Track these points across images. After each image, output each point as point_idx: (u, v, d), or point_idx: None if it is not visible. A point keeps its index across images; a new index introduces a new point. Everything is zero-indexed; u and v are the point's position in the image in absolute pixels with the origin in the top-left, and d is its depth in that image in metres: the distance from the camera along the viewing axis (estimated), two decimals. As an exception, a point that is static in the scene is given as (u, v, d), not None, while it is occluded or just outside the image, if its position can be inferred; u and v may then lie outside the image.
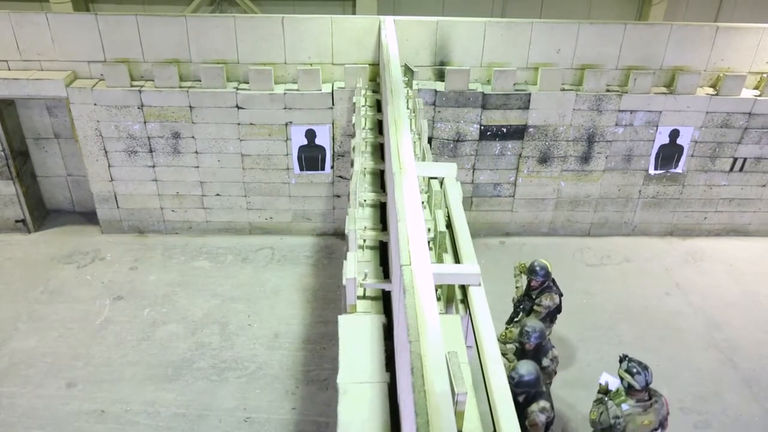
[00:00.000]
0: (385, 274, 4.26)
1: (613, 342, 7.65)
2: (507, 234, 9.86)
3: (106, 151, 8.92)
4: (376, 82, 8.59)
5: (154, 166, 9.07)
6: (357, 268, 3.84)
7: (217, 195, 9.36)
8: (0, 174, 9.06)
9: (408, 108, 6.18)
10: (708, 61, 8.96)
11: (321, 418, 6.68)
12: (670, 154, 9.28)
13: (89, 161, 9.01)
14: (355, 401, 3.04)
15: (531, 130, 8.97)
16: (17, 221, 9.50)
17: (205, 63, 8.57)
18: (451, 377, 2.44)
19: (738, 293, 8.73)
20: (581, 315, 8.05)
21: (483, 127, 8.92)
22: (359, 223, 4.68)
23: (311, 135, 8.89)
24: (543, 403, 5.22)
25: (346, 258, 3.87)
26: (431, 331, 2.51)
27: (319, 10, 12.24)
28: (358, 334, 3.53)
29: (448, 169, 4.70)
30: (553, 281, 6.69)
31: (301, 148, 8.98)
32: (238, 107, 8.64)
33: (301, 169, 9.16)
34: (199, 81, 8.64)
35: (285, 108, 8.66)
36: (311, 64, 8.71)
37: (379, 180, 5.83)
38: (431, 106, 8.71)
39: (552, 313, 6.76)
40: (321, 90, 8.58)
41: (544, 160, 9.22)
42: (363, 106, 7.21)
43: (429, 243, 4.04)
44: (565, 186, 9.48)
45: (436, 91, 8.63)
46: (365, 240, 4.68)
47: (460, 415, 2.44)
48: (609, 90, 8.87)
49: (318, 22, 8.44)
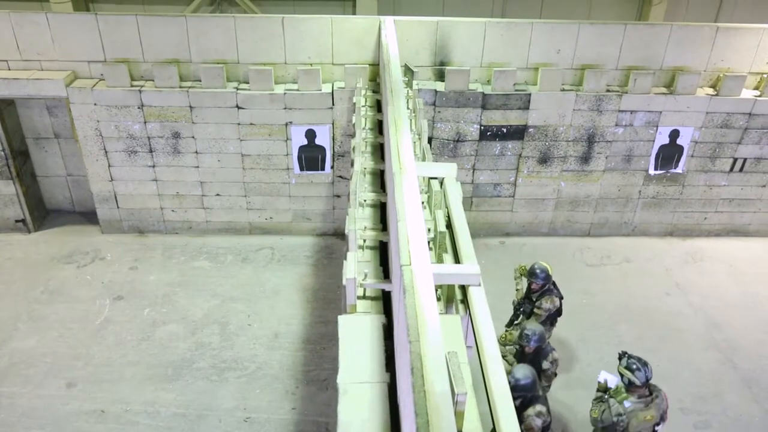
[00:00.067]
0: (385, 274, 4.26)
1: (613, 342, 7.65)
2: (507, 234, 9.87)
3: (106, 151, 8.93)
4: (376, 82, 8.59)
5: (154, 166, 9.07)
6: (357, 268, 3.84)
7: (217, 195, 9.36)
8: (0, 174, 9.06)
9: (408, 108, 6.18)
10: (708, 62, 8.96)
11: (321, 418, 6.68)
12: (670, 154, 9.28)
13: (89, 161, 9.01)
14: (355, 401, 3.04)
15: (531, 130, 8.97)
16: (17, 221, 9.50)
17: (205, 63, 8.58)
18: (451, 377, 2.44)
19: (738, 293, 8.73)
20: (581, 315, 8.05)
21: (483, 128, 8.92)
22: (359, 223, 4.68)
23: (311, 135, 8.89)
24: (539, 407, 5.19)
25: (346, 258, 3.87)
26: (431, 331, 2.52)
27: (319, 10, 12.24)
28: (358, 334, 3.53)
29: (448, 170, 4.70)
30: (554, 284, 6.66)
31: (301, 148, 8.98)
32: (238, 107, 8.64)
33: (301, 169, 9.16)
34: (199, 81, 8.64)
35: (285, 108, 8.66)
36: (311, 64, 8.71)
37: (379, 180, 5.83)
38: (431, 106, 8.71)
39: (552, 316, 6.73)
40: (321, 90, 8.58)
41: (544, 160, 9.22)
42: (363, 106, 7.21)
43: (429, 243, 4.04)
44: (565, 186, 9.49)
45: (436, 91, 8.63)
46: (365, 240, 4.68)
47: (460, 415, 2.44)
48: (609, 90, 8.87)
49: (318, 22, 8.44)
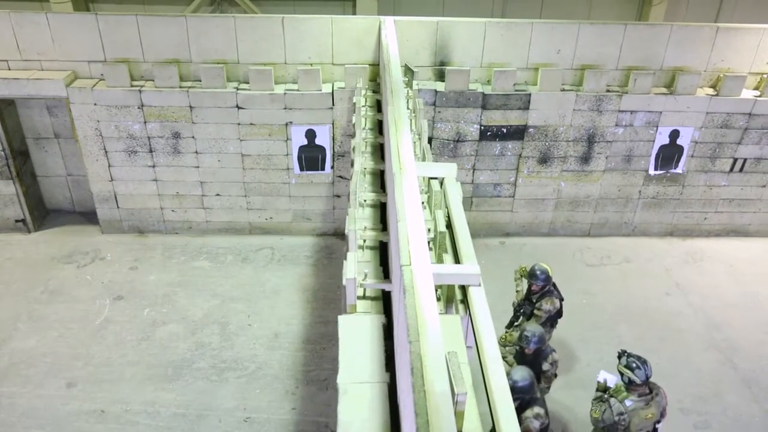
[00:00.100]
0: (385, 274, 4.26)
1: (613, 342, 7.64)
2: (507, 234, 9.87)
3: (106, 151, 8.93)
4: (376, 82, 8.59)
5: (154, 166, 9.07)
6: (357, 268, 3.84)
7: (217, 195, 9.36)
8: (0, 174, 9.06)
9: (408, 108, 6.18)
10: (708, 62, 8.96)
11: (321, 418, 6.68)
12: (670, 154, 9.28)
13: (89, 161, 9.01)
14: (355, 401, 3.04)
15: (531, 130, 8.97)
16: (17, 221, 9.50)
17: (206, 63, 8.58)
18: (451, 377, 2.44)
19: (738, 294, 8.73)
20: (581, 315, 8.05)
21: (483, 128, 8.92)
22: (359, 223, 4.68)
23: (311, 135, 8.89)
24: (537, 410, 5.18)
25: (346, 258, 3.87)
26: (431, 332, 2.52)
27: (320, 10, 12.24)
28: (358, 334, 3.53)
29: (448, 170, 4.70)
30: (554, 285, 6.65)
31: (302, 148, 8.98)
32: (238, 107, 8.64)
33: (301, 169, 9.16)
34: (199, 81, 8.64)
35: (285, 108, 8.66)
36: (311, 64, 8.71)
37: (379, 180, 5.82)
38: (431, 106, 8.71)
39: (553, 318, 6.71)
40: (321, 90, 8.58)
41: (544, 160, 9.22)
42: (363, 106, 7.21)
43: (429, 243, 4.04)
44: (565, 186, 9.49)
45: (436, 92, 8.63)
46: (365, 240, 4.68)
47: (460, 415, 2.44)
48: (609, 90, 8.87)
49: (318, 22, 8.44)
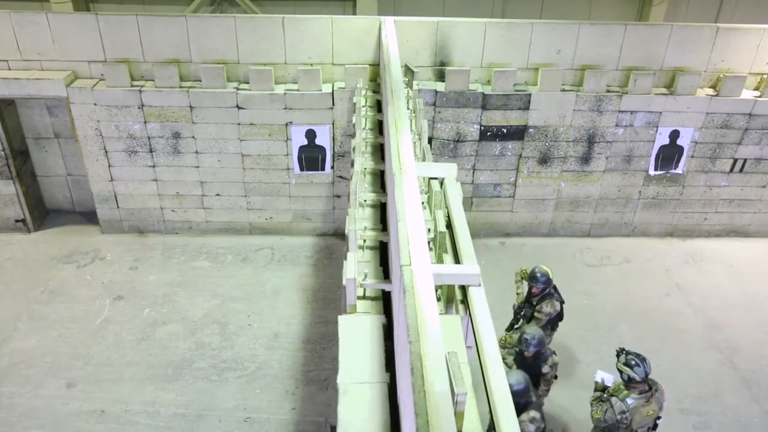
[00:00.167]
0: (385, 274, 4.26)
1: (613, 343, 7.62)
2: (507, 234, 9.87)
3: (106, 151, 8.93)
4: (376, 82, 8.59)
5: (154, 166, 9.07)
6: (357, 268, 3.84)
7: (217, 195, 9.36)
8: (0, 174, 9.06)
9: (408, 108, 6.18)
10: (708, 62, 8.96)
11: (321, 418, 6.68)
12: (670, 154, 9.28)
13: (89, 161, 9.01)
14: (355, 401, 3.04)
15: (531, 130, 8.97)
16: (17, 221, 9.50)
17: (206, 63, 8.58)
18: (451, 377, 2.44)
19: (738, 294, 8.73)
20: (581, 316, 8.05)
21: (483, 128, 8.92)
22: (359, 224, 4.68)
23: (311, 135, 8.89)
24: (533, 413, 5.14)
25: (346, 258, 3.87)
26: (431, 332, 2.51)
27: (320, 10, 12.24)
28: (358, 334, 3.53)
29: (448, 170, 4.70)
30: (555, 288, 6.63)
31: (302, 148, 8.98)
32: (238, 107, 8.64)
33: (302, 170, 9.16)
34: (200, 81, 8.64)
35: (285, 108, 8.66)
36: (311, 64, 8.71)
37: (380, 180, 5.82)
38: (431, 106, 8.71)
39: (553, 320, 6.69)
40: (321, 90, 8.59)
41: (544, 160, 9.22)
42: (363, 106, 7.21)
43: (429, 243, 4.03)
44: (565, 186, 9.49)
45: (436, 92, 8.63)
46: (365, 240, 4.68)
47: (460, 416, 2.44)
48: (609, 91, 8.87)
49: (318, 22, 8.45)
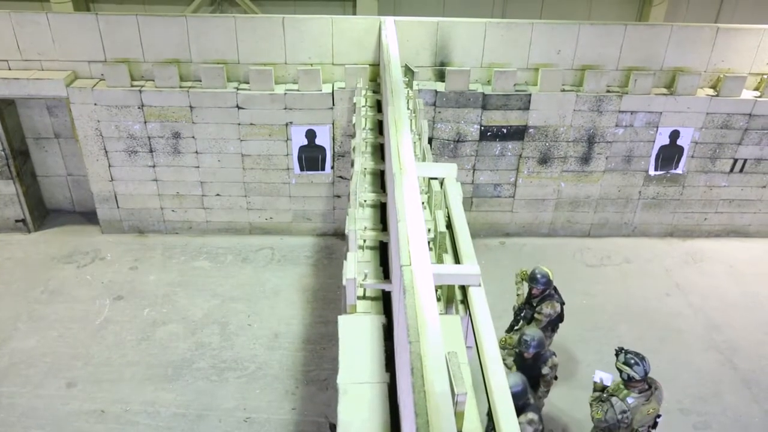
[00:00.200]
0: (385, 274, 4.26)
1: (613, 343, 7.59)
2: (507, 234, 9.86)
3: (106, 151, 8.93)
4: (376, 82, 8.59)
5: (154, 166, 9.07)
6: (357, 268, 3.84)
7: (218, 195, 9.36)
8: (0, 174, 9.06)
9: (408, 108, 6.18)
10: (708, 62, 8.96)
11: (321, 418, 6.68)
12: (670, 155, 9.28)
13: (89, 161, 9.01)
14: (355, 401, 3.04)
15: (531, 130, 8.97)
16: (17, 221, 9.50)
17: (206, 63, 8.58)
18: (451, 378, 2.44)
19: (738, 294, 8.73)
20: (581, 316, 8.05)
21: (483, 128, 8.92)
22: (359, 224, 4.68)
23: (311, 135, 8.89)
24: (531, 415, 5.12)
25: (346, 258, 3.87)
26: (431, 332, 2.51)
27: (320, 10, 12.25)
28: (358, 334, 3.53)
29: (448, 170, 4.70)
30: (555, 289, 6.62)
31: (302, 148, 8.98)
32: (238, 107, 8.64)
33: (302, 170, 9.16)
34: (200, 81, 8.64)
35: (285, 108, 8.66)
36: (312, 64, 8.71)
37: (380, 180, 5.82)
38: (431, 106, 8.71)
39: (554, 322, 6.68)
40: (321, 90, 8.59)
41: (544, 160, 9.22)
42: (363, 106, 7.21)
43: (429, 243, 4.03)
44: (566, 187, 9.49)
45: (436, 92, 8.63)
46: (365, 240, 4.68)
47: (460, 416, 2.44)
48: (609, 91, 8.88)
49: (318, 22, 8.45)
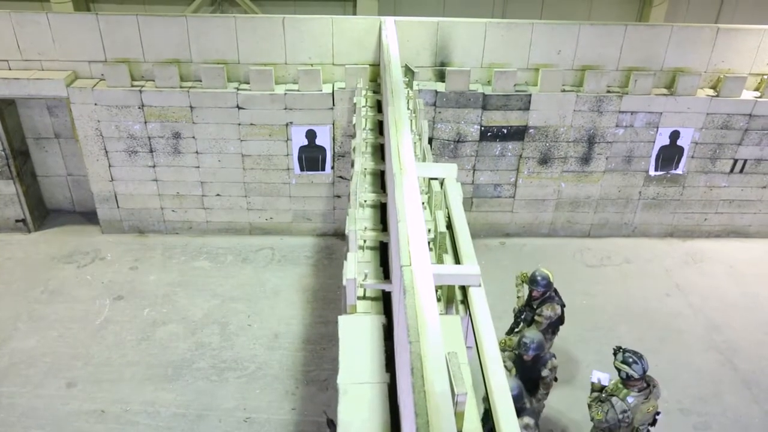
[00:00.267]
0: (386, 274, 4.26)
1: (613, 343, 7.55)
2: (507, 235, 9.86)
3: (106, 151, 8.93)
4: (376, 82, 8.59)
5: (154, 166, 9.07)
6: (357, 268, 3.84)
7: (218, 195, 9.36)
8: (0, 173, 9.06)
9: (408, 108, 6.18)
10: (708, 63, 8.96)
11: (321, 418, 6.68)
12: (670, 155, 9.28)
13: (89, 161, 9.01)
14: (355, 401, 3.04)
15: (531, 131, 8.97)
16: (17, 221, 9.50)
17: (206, 63, 8.58)
18: (451, 378, 2.44)
19: (738, 294, 8.73)
20: (581, 316, 8.05)
21: (483, 128, 8.92)
22: (359, 224, 4.68)
23: (312, 135, 8.89)
24: (527, 420, 5.10)
25: (346, 258, 3.87)
26: (431, 332, 2.52)
27: (320, 10, 12.25)
28: (358, 334, 3.53)
29: (448, 170, 4.70)
30: (555, 291, 6.61)
31: (302, 148, 8.98)
32: (238, 107, 8.64)
33: (302, 170, 9.16)
34: (200, 81, 8.64)
35: (285, 108, 8.66)
36: (312, 64, 8.71)
37: (380, 180, 5.82)
38: (432, 106, 8.71)
39: (554, 324, 6.67)
40: (321, 90, 8.59)
41: (544, 161, 9.22)
42: (363, 106, 7.21)
43: (429, 244, 4.04)
44: (566, 187, 9.49)
45: (436, 92, 8.63)
46: (365, 240, 4.68)
47: (460, 416, 2.44)
48: (609, 91, 8.88)
49: (319, 22, 8.45)
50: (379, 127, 6.87)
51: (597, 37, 8.69)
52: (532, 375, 5.88)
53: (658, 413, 5.41)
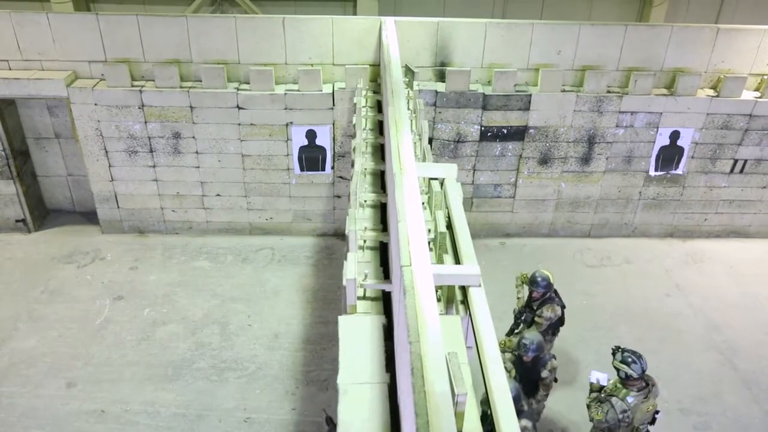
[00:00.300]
0: (386, 274, 4.26)
1: (613, 343, 7.58)
2: (507, 235, 9.86)
3: (106, 151, 8.93)
4: (376, 82, 8.59)
5: (154, 166, 9.07)
6: (357, 268, 3.84)
7: (218, 195, 9.36)
8: (0, 174, 9.06)
9: (409, 109, 6.18)
10: (708, 63, 8.96)
11: (321, 418, 6.67)
12: (670, 155, 9.28)
13: (90, 161, 9.01)
14: (355, 402, 3.04)
15: (531, 131, 8.97)
16: (17, 221, 9.50)
17: (206, 63, 8.58)
18: (451, 378, 2.44)
19: (738, 295, 8.73)
20: (581, 316, 8.05)
21: (483, 128, 8.92)
22: (359, 224, 4.68)
23: (312, 135, 8.89)
24: (524, 422, 5.06)
25: (346, 258, 3.87)
26: (431, 332, 2.52)
27: (320, 10, 12.25)
28: (358, 334, 3.53)
29: (448, 170, 4.70)
30: (556, 292, 6.60)
31: (302, 148, 8.99)
32: (238, 107, 8.64)
33: (302, 170, 9.16)
34: (200, 81, 8.64)
35: (286, 108, 8.66)
36: (312, 64, 8.71)
37: (380, 180, 5.82)
38: (432, 106, 8.71)
39: (554, 325, 6.66)
40: (322, 90, 8.59)
41: (544, 161, 9.22)
42: (364, 106, 7.21)
43: (429, 244, 4.04)
44: (566, 187, 9.48)
45: (436, 92, 8.63)
46: (365, 240, 4.68)
47: (460, 416, 2.44)
48: (609, 91, 8.88)
49: (319, 22, 8.45)
50: (379, 127, 6.87)
51: (597, 37, 8.69)
52: (531, 376, 5.88)
53: (657, 412, 5.42)
